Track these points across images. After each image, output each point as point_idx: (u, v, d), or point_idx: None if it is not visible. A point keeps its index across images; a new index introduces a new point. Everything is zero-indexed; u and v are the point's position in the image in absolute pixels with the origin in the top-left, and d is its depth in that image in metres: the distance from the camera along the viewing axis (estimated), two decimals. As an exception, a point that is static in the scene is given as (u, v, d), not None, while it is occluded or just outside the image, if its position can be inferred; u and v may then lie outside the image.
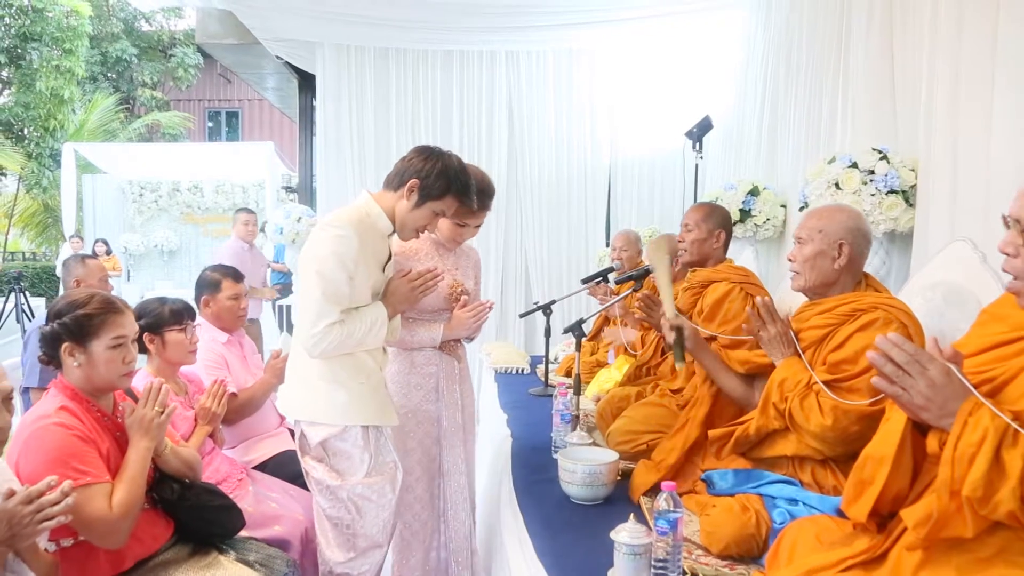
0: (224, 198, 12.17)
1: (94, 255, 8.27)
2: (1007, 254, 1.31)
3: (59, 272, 10.53)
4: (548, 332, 3.69)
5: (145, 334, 2.41)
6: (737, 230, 4.01)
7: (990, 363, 1.34)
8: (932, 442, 1.30)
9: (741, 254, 3.89)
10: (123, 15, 16.56)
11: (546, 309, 3.59)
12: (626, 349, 3.55)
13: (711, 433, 2.17)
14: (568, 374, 3.73)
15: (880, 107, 3.23)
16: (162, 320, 2.50)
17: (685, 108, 5.45)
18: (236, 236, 5.79)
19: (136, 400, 1.92)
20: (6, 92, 13.27)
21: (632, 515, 1.71)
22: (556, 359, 4.42)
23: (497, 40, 5.69)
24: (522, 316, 3.79)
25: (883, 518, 1.40)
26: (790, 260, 2.07)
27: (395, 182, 2.25)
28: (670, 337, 2.26)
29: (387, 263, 2.31)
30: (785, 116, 4.23)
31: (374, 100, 5.83)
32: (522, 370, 4.36)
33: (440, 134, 5.94)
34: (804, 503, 1.76)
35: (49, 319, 1.84)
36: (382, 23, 5.18)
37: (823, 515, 1.64)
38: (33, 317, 7.12)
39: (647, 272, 3.06)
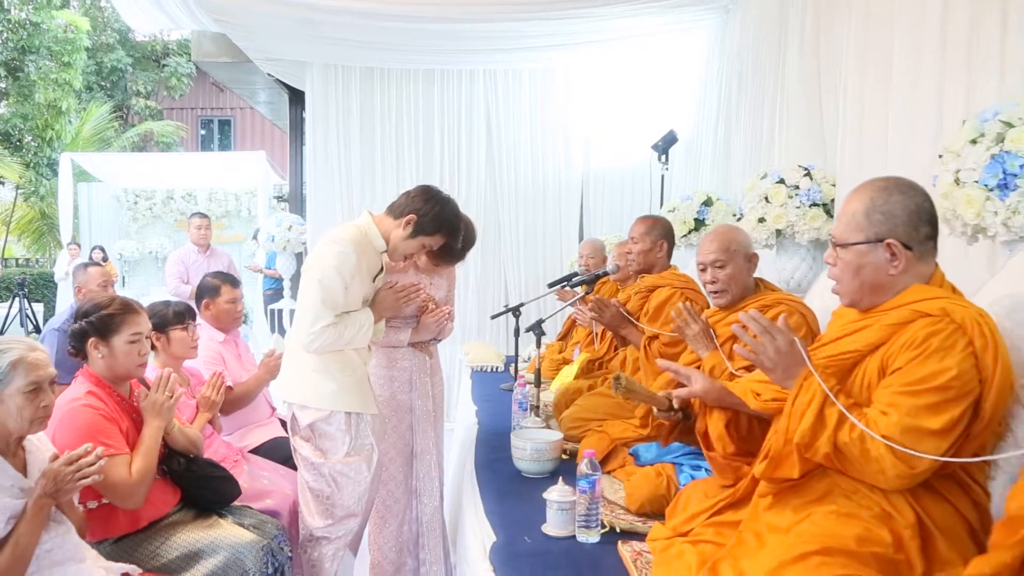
0: (217, 206, 12.42)
1: (100, 262, 8.52)
2: (830, 263, 1.67)
3: (57, 278, 10.87)
4: (517, 332, 4.02)
5: (152, 332, 2.75)
6: (693, 238, 4.38)
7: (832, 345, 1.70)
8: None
9: (691, 260, 4.25)
10: (118, 25, 16.83)
11: (515, 311, 3.94)
12: (592, 340, 3.85)
13: (656, 425, 2.50)
14: (539, 374, 4.09)
15: (810, 126, 3.62)
16: (167, 320, 2.85)
17: (652, 123, 5.79)
18: (189, 241, 6.02)
19: (149, 387, 2.28)
20: (4, 103, 13.55)
21: (561, 479, 2.07)
22: (529, 358, 4.77)
23: (476, 60, 6.01)
24: (493, 318, 4.13)
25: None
26: (712, 283, 2.37)
27: (397, 212, 2.60)
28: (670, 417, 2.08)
29: (378, 275, 2.67)
30: (736, 132, 4.61)
31: (360, 116, 6.15)
32: (496, 368, 4.71)
33: (422, 148, 6.27)
34: (706, 469, 2.12)
35: (77, 318, 2.20)
36: (367, 45, 5.51)
37: (713, 477, 2.00)
38: (36, 322, 7.44)
39: (597, 277, 3.43)
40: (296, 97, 7.29)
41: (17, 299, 6.88)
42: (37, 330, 7.41)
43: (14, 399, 1.73)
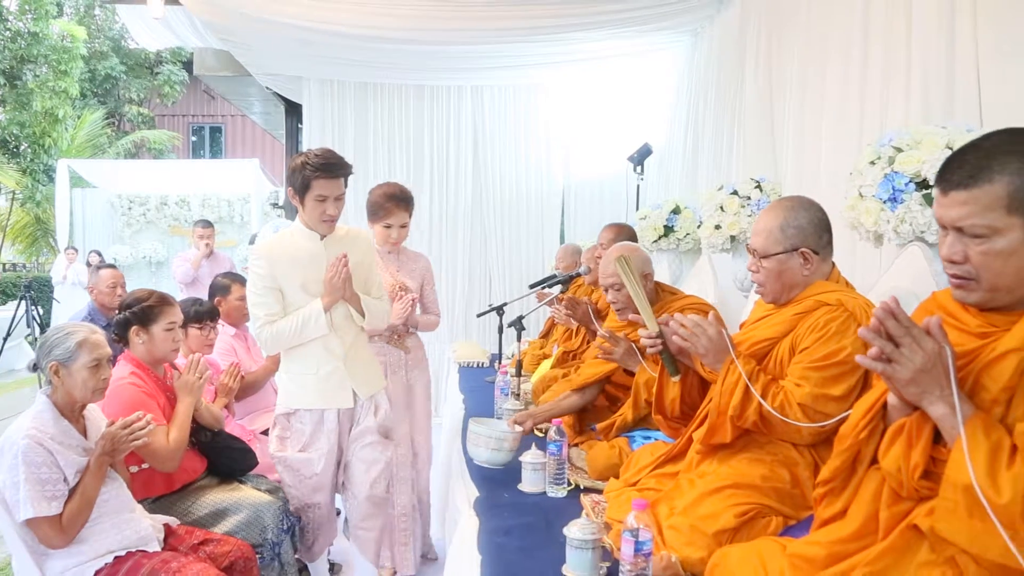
0: (210, 211, 12.68)
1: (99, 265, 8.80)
2: (752, 271, 2.05)
3: (55, 282, 11.15)
4: (501, 329, 4.41)
5: (176, 326, 3.11)
6: (662, 243, 4.78)
7: (752, 332, 2.09)
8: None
9: (659, 264, 4.66)
10: (112, 33, 17.13)
11: (499, 310, 4.32)
12: (569, 335, 4.23)
13: (599, 426, 2.81)
14: (520, 366, 4.47)
15: (762, 142, 4.02)
16: (187, 317, 3.20)
17: (628, 136, 6.20)
18: (192, 247, 6.41)
19: (179, 371, 2.64)
20: (2, 111, 13.82)
21: (534, 444, 2.45)
22: (512, 355, 5.14)
23: (464, 77, 6.40)
24: (478, 316, 4.51)
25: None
26: (614, 302, 2.68)
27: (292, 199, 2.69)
28: (652, 350, 2.15)
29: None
30: (703, 146, 5.02)
31: (354, 128, 6.53)
32: (482, 363, 5.09)
33: (413, 159, 6.66)
34: (655, 438, 2.51)
35: (121, 310, 2.57)
36: (362, 63, 5.89)
37: (660, 441, 2.38)
38: (40, 322, 7.77)
39: (571, 278, 3.82)
40: (292, 108, 7.65)
41: (24, 301, 7.19)
42: (43, 331, 7.73)
43: (80, 373, 2.10)
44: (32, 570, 2.04)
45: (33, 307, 7.31)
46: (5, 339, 7.41)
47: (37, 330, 7.38)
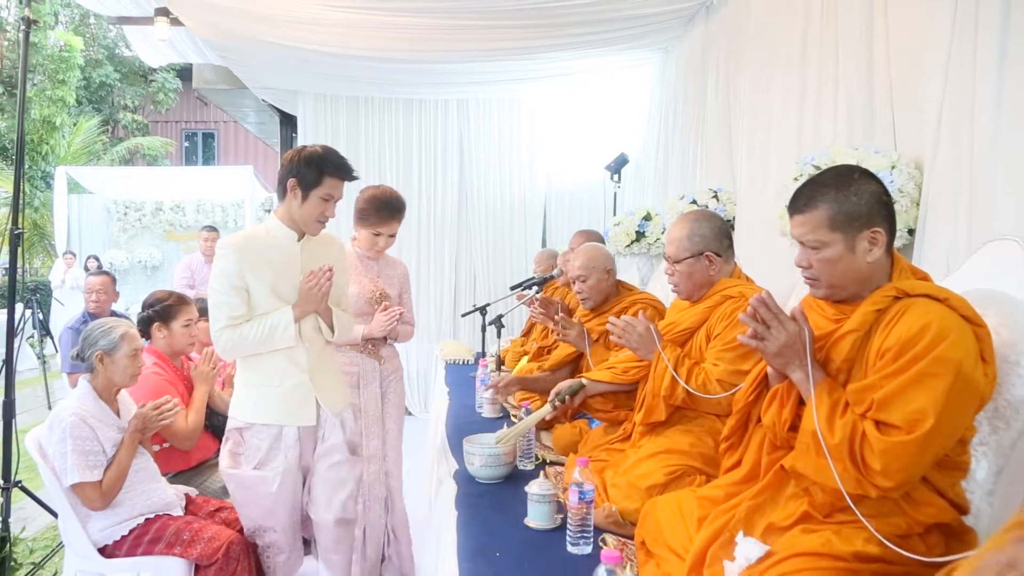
0: (205, 217, 12.94)
1: (106, 271, 9.06)
2: (668, 274, 2.41)
3: (53, 286, 11.44)
4: (484, 328, 4.78)
5: (188, 323, 3.46)
6: (634, 248, 5.16)
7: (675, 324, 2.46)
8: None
9: (630, 267, 5.04)
10: (106, 41, 17.42)
11: (482, 310, 4.69)
12: (547, 333, 4.60)
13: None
14: (501, 361, 4.83)
15: (722, 154, 4.39)
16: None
17: (606, 146, 6.59)
18: (199, 251, 6.73)
19: (194, 362, 3.00)
20: (1, 119, 14.09)
21: (505, 424, 2.81)
22: (496, 353, 5.50)
23: (450, 91, 6.76)
24: (463, 316, 4.87)
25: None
26: (579, 292, 3.03)
27: (280, 190, 2.50)
28: (559, 400, 2.53)
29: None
30: (672, 156, 5.40)
31: (346, 139, 6.88)
32: (467, 361, 5.45)
33: (401, 168, 7.02)
34: (609, 419, 2.87)
35: (144, 308, 2.92)
36: (354, 79, 6.25)
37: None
38: (43, 326, 8.08)
39: (545, 280, 4.19)
40: (286, 119, 8.00)
41: (30, 305, 7.52)
42: (47, 332, 8.06)
43: (122, 360, 2.46)
44: (77, 529, 2.39)
45: (38, 309, 7.62)
46: (15, 340, 7.71)
47: (43, 331, 7.69)
